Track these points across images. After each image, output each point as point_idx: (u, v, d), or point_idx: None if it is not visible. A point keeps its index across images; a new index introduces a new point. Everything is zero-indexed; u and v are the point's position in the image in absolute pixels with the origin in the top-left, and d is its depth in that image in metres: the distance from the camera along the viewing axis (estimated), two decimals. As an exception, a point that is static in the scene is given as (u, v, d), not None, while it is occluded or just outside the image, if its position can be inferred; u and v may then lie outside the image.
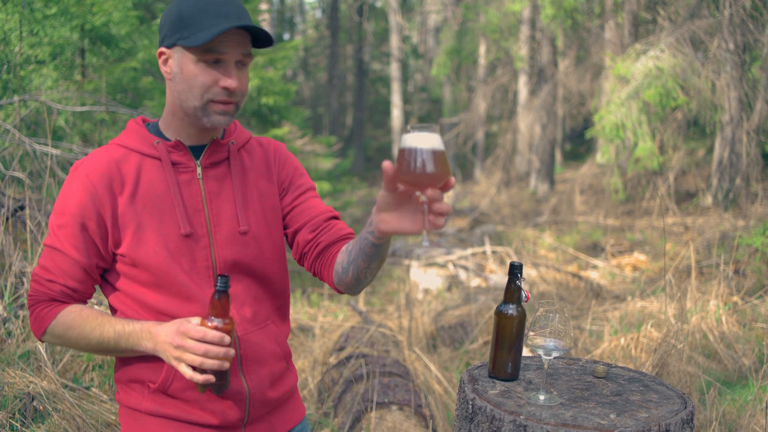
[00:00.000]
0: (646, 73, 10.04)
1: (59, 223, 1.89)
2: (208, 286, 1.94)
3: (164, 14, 1.90)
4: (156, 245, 1.88)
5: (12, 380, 3.57)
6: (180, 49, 1.86)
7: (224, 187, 1.99)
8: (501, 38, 17.55)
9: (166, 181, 1.92)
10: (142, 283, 1.91)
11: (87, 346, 1.91)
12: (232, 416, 1.96)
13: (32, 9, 6.92)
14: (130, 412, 1.99)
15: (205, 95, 1.86)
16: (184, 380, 1.91)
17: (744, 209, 10.56)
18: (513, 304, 2.04)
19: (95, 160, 1.91)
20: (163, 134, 1.98)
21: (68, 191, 1.90)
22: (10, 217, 4.91)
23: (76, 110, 6.44)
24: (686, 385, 4.38)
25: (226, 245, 1.96)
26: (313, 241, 2.06)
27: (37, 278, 1.92)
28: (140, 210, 1.89)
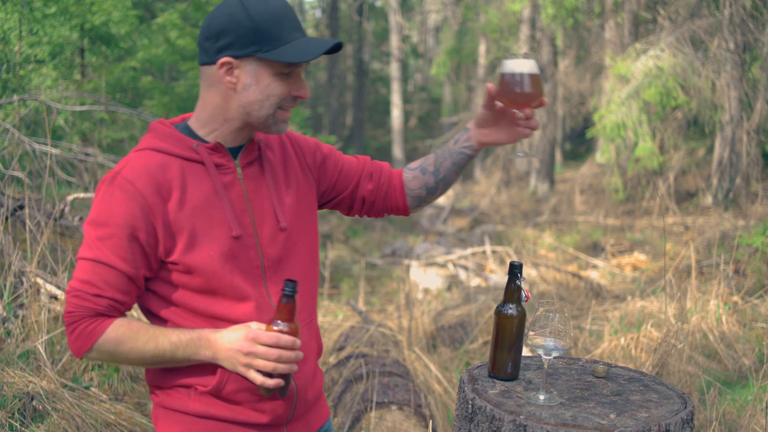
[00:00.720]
0: (646, 72, 10.04)
1: (102, 234, 1.82)
2: (260, 285, 1.95)
3: (222, 21, 1.86)
4: (210, 250, 1.87)
5: (11, 380, 3.57)
6: (256, 60, 1.86)
7: (261, 186, 2.00)
8: (501, 38, 17.56)
9: (212, 184, 1.91)
10: (192, 288, 1.89)
11: (140, 360, 1.87)
12: (281, 414, 1.99)
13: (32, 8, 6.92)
14: (172, 414, 1.97)
15: (278, 104, 1.91)
16: (237, 383, 1.90)
17: (744, 209, 10.56)
18: (513, 304, 2.04)
19: (136, 166, 1.85)
20: (197, 135, 1.96)
21: (110, 201, 1.82)
22: (9, 217, 4.91)
23: (75, 110, 6.44)
24: (686, 385, 4.38)
25: (270, 243, 1.98)
26: (377, 188, 2.26)
27: (79, 293, 1.82)
28: (190, 215, 1.87)
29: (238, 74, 1.87)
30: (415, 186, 2.27)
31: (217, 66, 1.86)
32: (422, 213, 16.66)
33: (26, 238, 4.54)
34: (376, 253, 11.56)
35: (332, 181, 2.21)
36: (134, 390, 4.12)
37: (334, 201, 2.26)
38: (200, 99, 1.96)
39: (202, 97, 1.95)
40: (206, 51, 1.89)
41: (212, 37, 1.86)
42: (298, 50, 1.85)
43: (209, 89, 1.92)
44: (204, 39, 1.89)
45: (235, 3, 1.85)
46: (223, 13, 1.85)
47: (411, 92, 34.50)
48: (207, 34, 1.88)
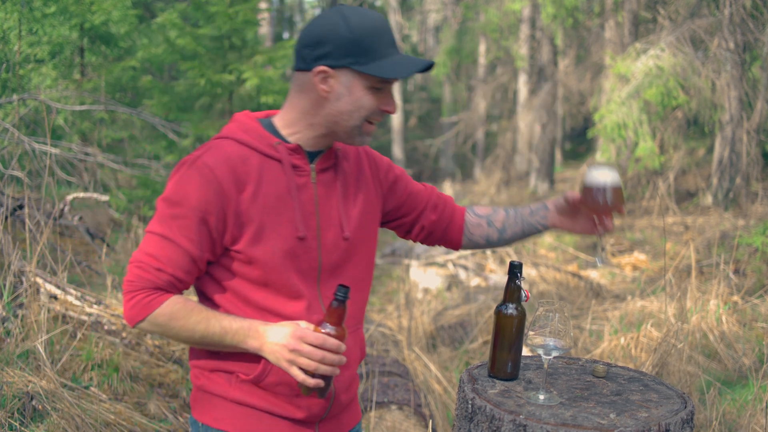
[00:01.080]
0: (646, 72, 10.03)
1: (175, 213, 1.89)
2: (313, 287, 2.01)
3: (322, 30, 1.91)
4: (274, 245, 1.93)
5: (11, 380, 3.56)
6: (351, 72, 1.91)
7: (331, 193, 2.06)
8: (501, 37, 17.55)
9: (287, 183, 1.96)
10: (250, 279, 1.95)
11: (188, 338, 1.93)
12: (315, 412, 2.04)
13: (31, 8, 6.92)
14: (211, 398, 2.03)
15: (366, 117, 1.96)
16: (278, 376, 1.96)
17: (744, 209, 10.56)
18: (513, 304, 2.04)
19: (217, 153, 1.91)
20: (281, 135, 2.01)
21: (188, 183, 1.89)
22: (9, 216, 4.91)
23: (75, 109, 6.44)
24: (686, 385, 4.38)
25: (331, 249, 2.04)
26: (439, 220, 2.32)
27: (143, 265, 1.89)
28: (261, 209, 1.92)
29: (332, 84, 1.92)
30: (477, 233, 2.35)
31: (313, 73, 1.92)
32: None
33: (26, 238, 4.54)
34: (376, 253, 11.54)
35: (399, 203, 2.28)
36: (134, 390, 4.12)
37: (395, 222, 2.33)
38: (288, 101, 2.02)
39: (290, 100, 2.02)
40: (303, 58, 1.94)
41: (311, 45, 1.92)
42: (394, 66, 1.91)
43: (300, 94, 1.98)
44: (302, 46, 1.94)
45: (337, 14, 1.92)
46: (324, 23, 1.92)
47: (411, 92, 34.47)
48: (306, 42, 1.93)
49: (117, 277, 5.59)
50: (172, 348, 4.68)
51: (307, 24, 1.96)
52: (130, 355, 4.38)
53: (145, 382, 4.24)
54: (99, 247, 6.21)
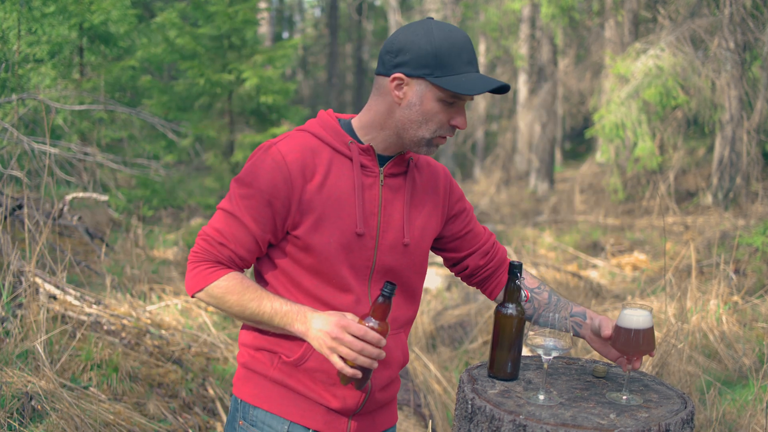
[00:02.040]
0: (646, 72, 10.03)
1: (244, 193, 1.99)
2: (364, 283, 2.09)
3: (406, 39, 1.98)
4: (331, 236, 2.01)
5: (10, 380, 3.56)
6: (425, 83, 1.98)
7: (397, 198, 2.13)
8: (501, 37, 17.55)
9: (353, 180, 2.04)
10: (304, 266, 2.04)
11: (240, 313, 2.03)
12: (350, 404, 2.11)
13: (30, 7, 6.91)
14: (253, 375, 2.13)
15: (437, 131, 2.03)
16: (318, 362, 2.05)
17: (744, 208, 10.55)
18: (512, 304, 2.04)
19: (292, 143, 2.02)
20: (356, 135, 2.10)
21: (260, 166, 1.99)
22: (8, 216, 4.90)
23: (74, 109, 6.43)
24: (686, 385, 4.37)
25: (388, 251, 2.11)
26: (485, 267, 2.37)
27: (208, 238, 2.02)
28: (324, 200, 2.00)
29: (406, 91, 2.00)
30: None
31: (390, 79, 2.00)
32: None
33: (25, 238, 4.53)
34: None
35: (455, 235, 2.33)
36: (133, 390, 4.11)
37: (444, 251, 2.37)
38: (367, 104, 2.10)
39: (369, 102, 2.10)
40: (384, 63, 2.02)
41: (393, 51, 2.00)
42: (467, 83, 1.96)
43: (378, 97, 2.06)
44: (385, 52, 2.02)
45: (422, 26, 2.00)
46: (409, 33, 2.00)
47: (411, 92, 34.43)
48: (389, 48, 2.02)
49: (116, 277, 5.59)
50: (172, 348, 4.67)
51: (396, 31, 2.04)
52: (130, 355, 4.38)
53: (145, 382, 4.24)
54: (98, 247, 6.20)
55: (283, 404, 2.09)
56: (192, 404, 4.29)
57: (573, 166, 20.95)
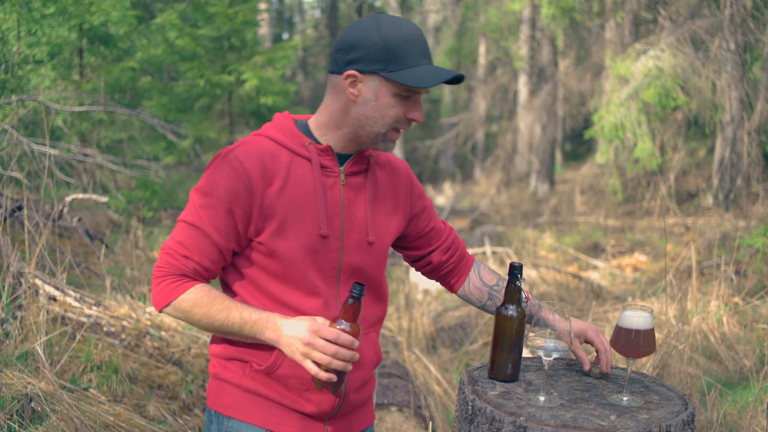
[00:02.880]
0: (646, 73, 10.02)
1: (204, 203, 1.97)
2: (332, 285, 2.07)
3: (356, 36, 1.97)
4: (295, 240, 1.99)
5: (10, 381, 3.55)
6: (379, 78, 1.97)
7: (359, 197, 2.12)
8: (501, 38, 17.55)
9: (314, 182, 2.03)
10: (270, 272, 2.02)
11: (209, 325, 2.00)
12: (325, 408, 2.09)
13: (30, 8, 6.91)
14: (225, 386, 2.11)
15: (392, 124, 2.02)
16: (290, 368, 2.03)
17: (745, 210, 10.54)
18: (513, 305, 2.04)
19: (249, 148, 1.99)
20: (313, 135, 2.09)
21: (219, 174, 1.97)
22: (8, 218, 4.90)
23: (74, 110, 6.43)
24: (687, 386, 4.36)
25: (354, 251, 2.09)
26: (448, 262, 2.39)
27: (172, 252, 1.99)
28: (286, 204, 1.99)
29: (361, 88, 1.99)
30: (476, 295, 2.42)
31: (343, 77, 1.99)
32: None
33: (25, 239, 4.52)
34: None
35: (420, 233, 2.34)
36: (133, 391, 4.11)
37: (408, 249, 2.38)
38: (323, 103, 2.10)
39: (324, 102, 2.09)
40: (336, 61, 2.01)
41: (344, 49, 1.99)
42: (421, 76, 1.95)
43: (332, 96, 2.06)
44: (336, 50, 2.01)
45: (372, 22, 1.98)
46: (359, 29, 1.98)
47: (411, 93, 34.43)
48: (340, 46, 2.00)
49: (116, 278, 5.59)
50: (172, 350, 4.67)
51: (345, 29, 2.02)
52: (130, 356, 4.37)
53: (145, 383, 4.23)
54: (98, 249, 6.20)
55: (257, 413, 2.07)
56: (192, 406, 4.29)
57: (573, 167, 20.95)
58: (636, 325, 2.02)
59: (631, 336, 2.01)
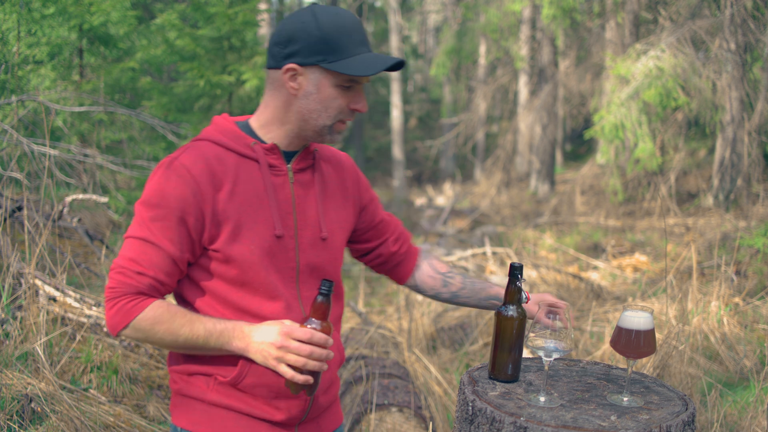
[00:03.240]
0: (646, 73, 10.02)
1: (154, 215, 1.89)
2: (292, 286, 2.03)
3: (293, 28, 1.93)
4: (251, 244, 1.94)
5: (10, 382, 3.55)
6: (319, 69, 1.93)
7: (309, 193, 2.08)
8: (501, 38, 17.53)
9: (263, 182, 1.98)
10: (228, 280, 1.96)
11: (173, 342, 1.92)
12: (295, 414, 2.04)
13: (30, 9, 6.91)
14: (189, 401, 2.04)
15: (337, 116, 1.98)
16: (256, 377, 1.97)
17: (745, 210, 10.54)
18: (513, 305, 2.03)
19: (194, 154, 1.93)
20: (257, 135, 2.03)
21: (166, 184, 1.89)
22: (8, 218, 4.89)
23: (74, 110, 6.43)
24: (687, 387, 4.36)
25: (309, 249, 2.06)
26: (397, 253, 2.37)
27: (124, 270, 1.89)
28: (238, 208, 1.94)
29: (301, 81, 1.94)
30: (429, 284, 2.40)
31: (283, 71, 1.94)
32: (422, 214, 16.64)
33: (25, 240, 4.52)
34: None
35: (369, 226, 2.32)
36: (133, 392, 4.10)
37: (357, 242, 2.36)
38: (263, 100, 2.04)
39: (265, 99, 2.03)
40: (274, 55, 1.96)
41: (281, 42, 1.94)
42: (362, 64, 1.92)
43: (273, 92, 2.00)
44: (273, 44, 1.96)
45: (308, 13, 1.93)
46: (295, 21, 1.93)
47: (411, 93, 34.50)
48: (276, 40, 1.95)
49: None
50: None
51: (280, 22, 1.97)
52: (130, 357, 4.37)
53: (145, 384, 4.23)
54: (98, 249, 6.20)
55: (225, 426, 2.01)
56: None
57: (574, 168, 20.95)
58: (636, 326, 2.02)
59: (631, 336, 2.01)
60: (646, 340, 2.01)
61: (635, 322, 2.02)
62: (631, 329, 2.02)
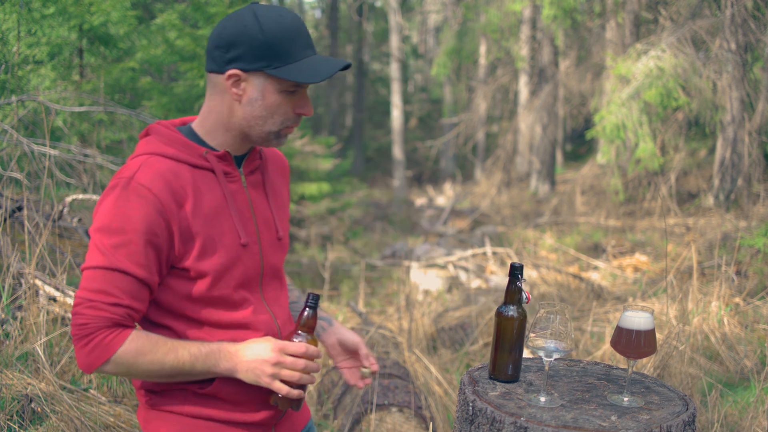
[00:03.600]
0: (646, 73, 10.01)
1: (116, 242, 1.77)
2: (256, 290, 2.00)
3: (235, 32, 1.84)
4: (221, 257, 1.89)
5: (10, 382, 3.55)
6: (264, 75, 1.85)
7: (261, 195, 2.05)
8: (501, 38, 17.54)
9: (222, 191, 1.93)
10: (194, 295, 1.89)
11: (157, 372, 1.83)
12: (273, 414, 2.03)
13: (30, 9, 6.91)
14: (166, 415, 1.97)
15: (283, 123, 1.92)
16: (232, 386, 1.93)
17: (746, 210, 10.53)
18: (513, 306, 2.03)
19: (149, 171, 1.83)
20: (205, 142, 1.96)
21: (127, 206, 1.78)
22: (7, 218, 4.89)
23: (74, 110, 6.42)
24: (688, 387, 4.36)
25: (270, 251, 2.03)
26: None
27: (95, 303, 1.77)
28: (203, 222, 1.87)
29: (245, 87, 1.87)
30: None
31: (225, 77, 1.86)
32: (422, 214, 16.64)
33: (25, 240, 4.52)
34: (375, 255, 11.55)
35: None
36: (133, 392, 4.10)
37: None
38: (205, 104, 1.96)
39: (207, 103, 1.96)
40: (215, 59, 1.88)
41: (222, 46, 1.85)
42: (308, 70, 1.85)
43: (215, 96, 1.92)
44: (214, 47, 1.88)
45: (249, 15, 1.84)
46: (237, 24, 1.84)
47: (411, 93, 34.50)
48: (217, 43, 1.86)
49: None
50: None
51: (220, 24, 1.89)
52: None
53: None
54: (98, 249, 6.17)
55: None
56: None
57: (574, 168, 20.95)
58: (637, 326, 2.02)
59: (631, 336, 2.01)
60: (646, 340, 2.01)
61: (636, 323, 2.02)
62: (631, 329, 2.02)
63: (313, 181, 10.28)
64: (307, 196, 10.08)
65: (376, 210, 17.38)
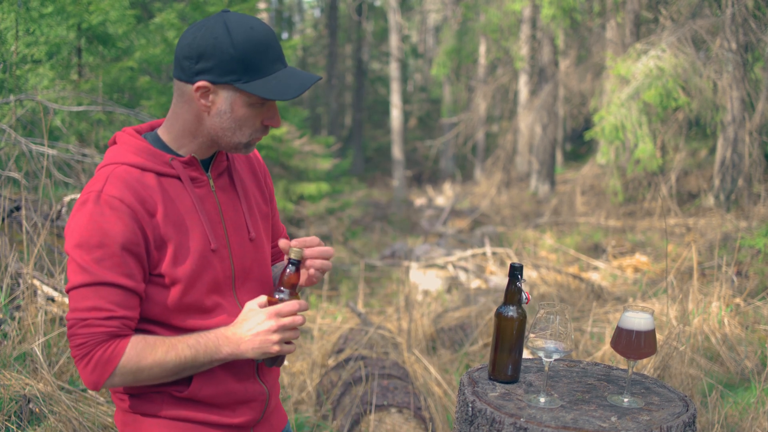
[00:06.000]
0: (646, 73, 10.01)
1: (97, 256, 1.77)
2: (230, 294, 2.00)
3: (205, 44, 1.82)
4: (192, 263, 1.89)
5: (8, 382, 3.54)
6: (232, 89, 1.85)
7: (231, 197, 2.04)
8: (501, 38, 17.53)
9: (190, 197, 1.93)
10: (168, 302, 1.89)
11: (162, 373, 1.85)
12: (253, 415, 2.04)
13: (28, 8, 6.90)
14: (143, 419, 1.97)
15: (252, 135, 1.93)
16: (214, 386, 1.94)
17: (746, 210, 10.53)
18: (513, 306, 2.02)
19: (118, 183, 1.82)
20: (170, 149, 1.95)
21: (101, 220, 1.78)
22: (6, 218, 4.88)
23: (72, 110, 6.41)
24: (688, 388, 4.35)
25: (241, 253, 2.03)
26: (274, 247, 2.29)
27: (88, 320, 1.78)
28: (173, 229, 1.88)
29: (213, 99, 1.87)
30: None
31: (194, 88, 1.85)
32: (422, 214, 16.63)
33: (23, 240, 4.51)
34: (375, 255, 11.54)
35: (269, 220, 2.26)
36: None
37: None
38: (172, 111, 1.95)
39: (173, 109, 1.94)
40: (183, 69, 1.86)
41: (192, 57, 1.84)
42: (277, 87, 1.84)
43: (182, 104, 1.91)
44: (183, 57, 1.86)
45: (221, 26, 1.83)
46: (207, 36, 1.82)
47: (411, 92, 34.50)
48: (187, 53, 1.84)
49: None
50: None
51: (188, 31, 1.87)
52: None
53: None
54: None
55: None
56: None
57: (574, 168, 20.95)
58: (637, 326, 2.01)
59: (632, 337, 2.01)
60: (646, 340, 2.01)
61: (636, 323, 2.02)
62: (631, 330, 2.01)
63: (312, 181, 10.27)
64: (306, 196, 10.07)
65: (375, 210, 17.37)
